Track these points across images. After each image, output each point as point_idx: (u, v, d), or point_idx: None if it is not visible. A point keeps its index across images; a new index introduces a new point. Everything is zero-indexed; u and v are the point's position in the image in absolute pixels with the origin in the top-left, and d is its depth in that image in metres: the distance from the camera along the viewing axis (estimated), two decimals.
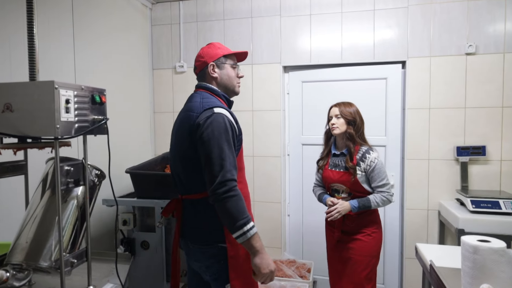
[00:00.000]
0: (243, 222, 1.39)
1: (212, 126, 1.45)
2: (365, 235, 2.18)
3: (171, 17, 3.30)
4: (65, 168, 1.23)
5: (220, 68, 1.65)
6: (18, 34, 1.86)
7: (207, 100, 1.56)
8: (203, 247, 1.56)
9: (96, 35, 2.57)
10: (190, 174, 1.56)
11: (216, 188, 1.40)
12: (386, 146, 2.94)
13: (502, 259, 1.18)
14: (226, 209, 1.40)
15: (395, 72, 2.89)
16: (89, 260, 1.35)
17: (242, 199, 1.42)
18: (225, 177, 1.40)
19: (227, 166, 1.42)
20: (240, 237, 1.39)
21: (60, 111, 1.13)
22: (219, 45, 1.69)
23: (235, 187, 1.42)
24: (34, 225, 1.27)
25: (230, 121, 1.51)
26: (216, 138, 1.44)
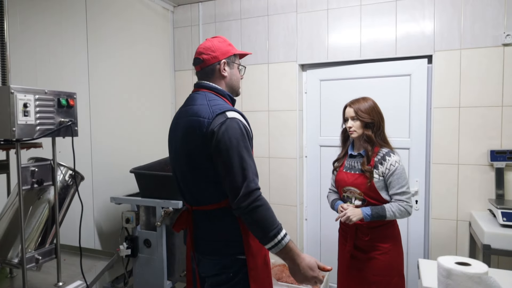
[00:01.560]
0: (275, 231, 1.30)
1: (228, 134, 1.33)
2: (382, 254, 1.93)
3: (191, 19, 3.34)
4: (30, 169, 1.29)
5: (230, 67, 1.53)
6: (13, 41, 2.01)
7: (215, 103, 1.42)
8: (214, 258, 1.47)
9: (115, 41, 2.68)
10: (202, 184, 1.44)
11: (242, 201, 1.30)
12: (410, 149, 2.69)
13: (477, 287, 1.00)
14: (255, 221, 1.31)
15: (420, 67, 2.63)
16: (59, 257, 1.40)
17: (269, 208, 1.34)
18: (249, 188, 1.30)
19: (250, 176, 1.32)
20: (273, 247, 1.31)
21: (17, 115, 1.19)
22: (229, 42, 1.57)
23: (260, 196, 1.32)
24: (6, 222, 1.36)
25: (244, 126, 1.40)
26: (234, 146, 1.33)
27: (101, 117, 2.57)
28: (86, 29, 2.45)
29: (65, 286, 1.40)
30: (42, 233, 1.40)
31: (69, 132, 1.37)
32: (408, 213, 1.91)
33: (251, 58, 3.11)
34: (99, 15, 2.56)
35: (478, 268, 1.04)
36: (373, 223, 1.92)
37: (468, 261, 1.10)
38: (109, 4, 2.66)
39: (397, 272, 1.95)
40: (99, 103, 2.56)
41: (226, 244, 1.44)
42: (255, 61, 3.10)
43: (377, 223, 1.93)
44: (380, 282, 1.91)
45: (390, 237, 1.97)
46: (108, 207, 2.59)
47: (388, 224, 1.96)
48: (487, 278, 1.00)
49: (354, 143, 2.09)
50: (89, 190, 2.50)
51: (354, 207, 1.96)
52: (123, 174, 2.59)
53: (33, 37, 2.09)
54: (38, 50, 2.12)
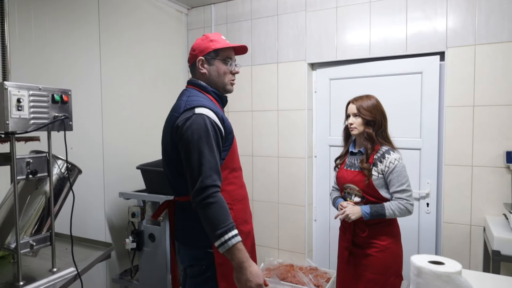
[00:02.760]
0: (222, 231, 1.30)
1: (191, 128, 1.37)
2: (379, 251, 1.89)
3: (204, 21, 3.41)
4: (26, 160, 1.38)
5: (209, 63, 1.54)
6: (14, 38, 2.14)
7: (192, 99, 1.47)
8: (189, 248, 1.52)
9: (128, 43, 2.80)
10: (175, 176, 1.51)
11: (195, 195, 1.33)
12: (421, 149, 2.60)
13: (446, 286, 0.95)
14: (206, 217, 1.33)
15: (432, 64, 2.53)
16: (53, 244, 1.48)
17: (222, 206, 1.34)
18: (203, 183, 1.33)
19: (206, 172, 1.34)
20: (220, 246, 1.31)
21: (11, 109, 1.28)
22: (213, 37, 1.55)
23: (214, 193, 1.33)
24: (5, 210, 1.46)
25: (212, 122, 1.41)
26: (195, 141, 1.36)
27: (113, 117, 2.68)
28: (99, 33, 2.57)
29: (58, 272, 1.47)
30: (38, 221, 1.48)
31: (63, 126, 1.44)
32: (408, 211, 1.86)
33: (261, 58, 3.13)
34: (111, 18, 2.68)
35: (449, 267, 0.99)
36: (371, 220, 1.88)
37: (442, 260, 1.05)
38: (122, 8, 2.77)
39: (394, 272, 1.89)
40: (111, 103, 2.67)
41: (197, 236, 1.47)
42: (265, 60, 3.12)
43: (375, 220, 1.89)
44: (377, 281, 1.86)
45: (389, 235, 1.92)
46: (118, 202, 2.70)
47: (387, 222, 1.91)
48: (456, 277, 0.95)
49: (356, 140, 2.06)
50: (100, 186, 2.61)
51: (353, 204, 1.93)
52: (133, 171, 2.68)
53: (51, 42, 2.22)
54: (53, 52, 2.25)
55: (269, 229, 3.18)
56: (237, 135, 3.25)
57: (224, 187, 1.48)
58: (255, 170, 3.22)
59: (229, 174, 1.52)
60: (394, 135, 2.62)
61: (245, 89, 3.23)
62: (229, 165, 1.52)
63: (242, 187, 1.60)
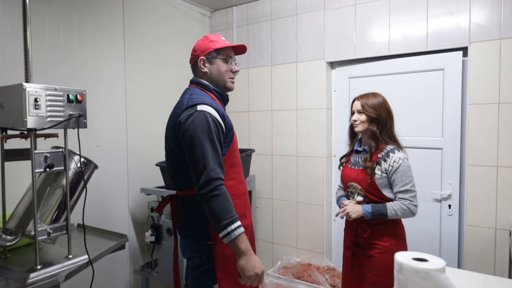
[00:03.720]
0: (227, 222, 1.36)
1: (194, 125, 1.43)
2: (381, 252, 1.86)
3: (226, 23, 3.49)
4: (43, 155, 1.51)
5: (210, 63, 1.60)
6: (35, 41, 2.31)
7: (194, 97, 1.53)
8: (189, 241, 1.59)
9: (152, 47, 2.93)
10: (177, 171, 1.58)
11: (201, 188, 1.39)
12: (443, 149, 2.50)
13: (424, 283, 0.94)
14: (211, 209, 1.38)
15: (454, 61, 2.42)
16: (69, 233, 1.61)
17: (227, 198, 1.40)
18: (208, 176, 1.38)
19: (210, 165, 1.39)
20: (225, 237, 1.37)
21: (28, 108, 1.41)
22: (213, 38, 1.63)
23: (219, 186, 1.39)
24: (26, 200, 1.60)
25: (214, 118, 1.47)
26: (198, 136, 1.42)
27: (136, 116, 2.82)
28: (124, 38, 2.73)
29: (73, 258, 1.59)
30: (56, 211, 1.61)
31: (78, 123, 1.57)
32: (411, 212, 1.80)
33: (280, 57, 3.16)
34: (136, 23, 2.82)
35: (430, 264, 0.97)
36: (373, 220, 1.85)
37: (427, 257, 1.02)
38: (146, 12, 2.91)
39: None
40: (135, 103, 2.82)
41: (197, 228, 1.53)
42: (284, 60, 3.14)
43: (377, 220, 1.85)
44: (379, 283, 1.81)
45: (391, 236, 1.87)
46: (141, 197, 2.84)
47: (390, 222, 1.87)
48: (435, 274, 0.93)
49: (361, 139, 2.03)
50: (125, 182, 2.76)
51: (355, 203, 1.91)
52: (155, 168, 2.80)
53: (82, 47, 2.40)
54: (79, 57, 2.43)
55: (288, 228, 3.19)
56: (257, 135, 3.32)
57: (224, 182, 1.53)
58: (275, 169, 3.24)
59: (229, 170, 1.57)
60: (414, 134, 2.57)
61: (265, 89, 3.26)
62: (229, 160, 1.57)
63: (241, 182, 1.65)
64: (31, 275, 1.42)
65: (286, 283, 2.57)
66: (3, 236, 1.49)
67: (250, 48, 3.35)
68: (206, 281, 1.55)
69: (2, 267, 1.52)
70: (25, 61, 1.56)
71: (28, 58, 1.56)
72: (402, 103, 2.63)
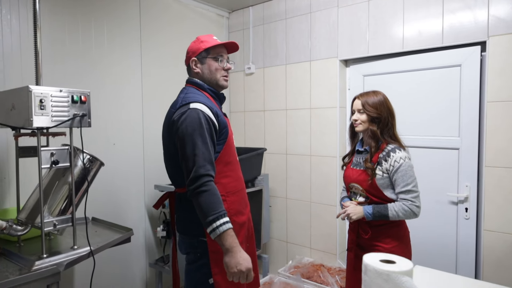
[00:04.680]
0: (212, 218, 1.39)
1: (186, 122, 1.47)
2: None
3: (243, 23, 3.53)
4: (50, 152, 1.62)
5: (201, 62, 1.65)
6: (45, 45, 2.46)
7: (189, 96, 1.58)
8: (185, 237, 1.64)
9: (168, 48, 3.04)
10: (173, 168, 1.63)
11: (189, 184, 1.43)
12: (460, 149, 2.37)
13: (386, 285, 0.91)
14: (198, 204, 1.42)
15: (472, 56, 2.30)
16: (74, 225, 1.71)
17: (214, 194, 1.42)
18: (197, 173, 1.42)
19: (200, 162, 1.43)
20: (211, 232, 1.40)
21: (34, 108, 1.52)
22: (204, 38, 1.68)
23: (207, 182, 1.42)
24: (36, 194, 1.72)
25: (206, 116, 1.50)
26: (189, 134, 1.46)
27: (153, 116, 2.93)
28: (140, 38, 2.84)
29: (77, 249, 1.70)
30: (64, 204, 1.72)
31: (81, 123, 1.67)
32: (413, 213, 1.74)
33: (295, 56, 3.15)
34: (153, 25, 2.93)
35: (393, 266, 0.94)
36: (375, 221, 1.80)
37: (396, 259, 1.00)
38: (162, 14, 3.02)
39: None
40: (152, 103, 2.93)
41: (192, 225, 1.56)
42: (298, 59, 3.12)
43: (379, 222, 1.80)
44: None
45: (394, 238, 1.82)
46: (156, 194, 2.94)
47: (392, 224, 1.81)
48: (396, 276, 0.90)
49: (362, 138, 1.98)
50: (141, 178, 2.89)
51: (357, 204, 1.87)
52: None
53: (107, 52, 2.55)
54: (96, 56, 2.57)
55: (302, 227, 3.17)
56: (272, 133, 3.33)
57: (219, 180, 1.56)
58: (289, 168, 3.24)
59: (224, 167, 1.60)
60: (429, 133, 2.48)
61: (280, 88, 3.27)
62: (224, 158, 1.60)
63: (237, 180, 1.67)
64: (37, 262, 1.54)
65: (294, 282, 2.57)
66: (14, 226, 1.62)
67: (265, 48, 3.37)
68: (200, 276, 1.59)
69: (15, 255, 1.65)
70: (36, 65, 1.69)
71: (38, 61, 1.69)
72: (417, 101, 2.54)
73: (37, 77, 1.70)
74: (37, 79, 1.70)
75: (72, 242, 1.75)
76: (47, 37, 2.26)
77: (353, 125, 1.94)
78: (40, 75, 1.69)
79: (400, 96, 2.61)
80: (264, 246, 3.37)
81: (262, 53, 3.40)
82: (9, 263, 1.58)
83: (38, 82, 1.70)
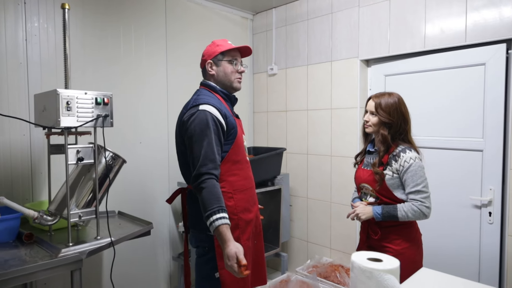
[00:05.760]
0: (210, 212, 1.46)
1: (194, 123, 1.56)
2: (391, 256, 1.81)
3: (266, 25, 3.59)
4: (75, 149, 1.77)
5: (217, 65, 1.73)
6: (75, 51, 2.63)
7: (200, 97, 1.66)
8: (194, 231, 1.74)
9: (192, 49, 3.16)
10: (184, 166, 1.73)
11: (192, 181, 1.53)
12: (483, 151, 2.29)
13: (369, 282, 0.94)
14: (200, 200, 1.51)
15: (497, 54, 2.21)
16: (98, 217, 1.86)
17: (211, 192, 1.48)
18: (198, 171, 1.51)
19: (202, 161, 1.52)
20: (209, 226, 1.48)
21: (61, 110, 1.67)
22: (219, 42, 1.76)
23: (207, 179, 1.50)
24: (64, 188, 1.88)
25: (214, 117, 1.58)
26: (197, 134, 1.55)
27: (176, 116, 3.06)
28: (166, 41, 2.99)
29: (100, 239, 1.84)
30: (89, 198, 1.87)
31: (103, 123, 1.80)
32: (423, 214, 1.71)
33: (316, 57, 3.16)
34: (177, 27, 3.07)
35: (379, 265, 0.96)
36: (385, 222, 1.80)
37: (382, 257, 1.02)
38: (187, 18, 3.14)
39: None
40: (176, 104, 3.06)
41: (200, 220, 1.64)
42: (319, 59, 3.13)
43: (388, 222, 1.79)
44: None
45: (404, 239, 1.79)
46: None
47: (402, 225, 1.79)
48: (378, 274, 0.92)
49: (374, 139, 1.98)
50: (166, 175, 3.03)
51: (366, 204, 1.87)
52: None
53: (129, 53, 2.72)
54: (121, 59, 2.74)
55: (322, 227, 3.18)
56: (294, 133, 3.37)
57: (226, 178, 1.64)
58: (310, 168, 3.26)
59: (232, 166, 1.67)
60: (451, 135, 2.42)
61: (301, 88, 3.29)
62: (232, 157, 1.67)
63: (246, 178, 1.73)
64: (63, 250, 1.69)
65: (310, 281, 2.59)
66: (45, 217, 1.79)
67: (287, 49, 3.41)
68: (208, 269, 1.67)
69: (45, 242, 1.82)
70: (65, 69, 1.85)
71: (67, 66, 1.85)
72: (439, 101, 2.48)
73: (66, 81, 1.86)
74: (66, 83, 1.86)
75: (94, 232, 1.90)
76: (80, 43, 2.45)
77: (364, 125, 1.93)
78: (68, 78, 1.85)
79: (422, 96, 2.55)
80: (284, 244, 3.41)
81: (284, 54, 3.44)
82: (40, 250, 1.75)
83: (67, 85, 1.86)
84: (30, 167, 2.30)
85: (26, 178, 2.28)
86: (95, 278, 2.62)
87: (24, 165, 2.27)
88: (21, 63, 2.24)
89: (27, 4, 2.25)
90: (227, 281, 1.60)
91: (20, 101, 2.23)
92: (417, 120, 2.52)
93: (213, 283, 1.64)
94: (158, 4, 2.93)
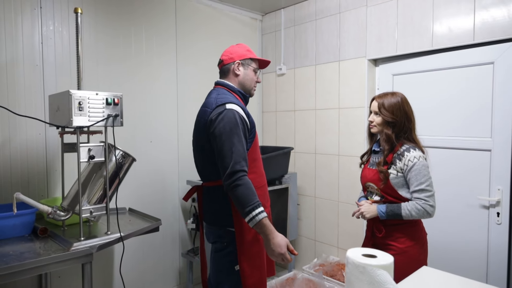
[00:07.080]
0: (250, 208, 1.50)
1: (223, 122, 1.58)
2: (395, 254, 1.70)
3: (275, 25, 3.62)
4: (87, 148, 1.85)
5: (244, 68, 1.79)
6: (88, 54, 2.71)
7: (222, 97, 1.69)
8: (212, 227, 1.78)
9: (202, 50, 3.22)
10: (205, 164, 1.75)
11: (226, 179, 1.54)
12: (492, 150, 2.27)
13: (362, 277, 0.96)
14: (236, 197, 1.53)
15: (506, 53, 2.19)
16: (108, 213, 1.93)
17: (249, 188, 1.53)
18: (234, 168, 1.53)
19: (236, 158, 1.54)
20: (250, 221, 1.51)
21: (74, 110, 1.74)
22: (248, 48, 1.84)
23: (242, 176, 1.53)
24: (77, 185, 1.96)
25: (241, 116, 1.63)
26: (227, 132, 1.57)
27: (186, 115, 3.13)
28: (176, 41, 3.06)
29: (110, 234, 1.91)
30: (100, 194, 1.95)
31: (113, 122, 1.87)
32: (427, 213, 1.73)
33: (324, 57, 3.18)
34: (187, 28, 3.13)
35: (373, 261, 0.98)
36: (389, 220, 1.81)
37: (377, 253, 1.04)
38: (196, 19, 3.20)
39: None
40: (185, 104, 3.13)
41: (220, 216, 1.70)
42: (327, 59, 3.15)
43: (393, 221, 1.81)
44: None
45: (408, 238, 1.80)
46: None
47: (407, 224, 1.80)
48: (371, 269, 0.94)
49: (380, 139, 1.99)
50: (175, 174, 3.10)
51: (371, 202, 1.89)
52: None
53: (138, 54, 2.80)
54: (133, 60, 2.82)
55: (329, 226, 3.20)
56: (302, 133, 3.41)
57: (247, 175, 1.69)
58: (318, 167, 3.27)
59: (251, 164, 1.70)
60: (459, 134, 2.41)
61: (309, 88, 3.31)
62: (251, 155, 1.71)
63: (261, 176, 1.78)
64: (74, 244, 1.76)
65: (316, 279, 2.62)
66: (58, 212, 1.87)
67: (296, 49, 3.43)
68: (226, 263, 1.72)
69: (59, 237, 1.90)
70: (77, 71, 1.93)
71: (79, 68, 1.92)
72: (447, 100, 2.47)
73: (78, 82, 1.93)
74: (78, 84, 1.93)
75: (104, 228, 1.97)
76: (93, 42, 2.54)
77: (369, 126, 1.95)
78: (81, 79, 1.93)
79: (430, 95, 2.55)
80: (291, 243, 3.43)
81: (293, 54, 3.47)
82: (53, 244, 1.83)
83: (79, 86, 1.94)
84: (46, 165, 2.39)
85: (42, 175, 2.38)
86: (106, 272, 2.71)
87: (39, 163, 2.37)
88: (37, 65, 2.33)
89: (43, 8, 2.34)
90: (247, 273, 1.66)
91: (36, 101, 2.33)
92: (425, 120, 2.52)
93: (231, 275, 1.69)
94: (168, 5, 3.00)
